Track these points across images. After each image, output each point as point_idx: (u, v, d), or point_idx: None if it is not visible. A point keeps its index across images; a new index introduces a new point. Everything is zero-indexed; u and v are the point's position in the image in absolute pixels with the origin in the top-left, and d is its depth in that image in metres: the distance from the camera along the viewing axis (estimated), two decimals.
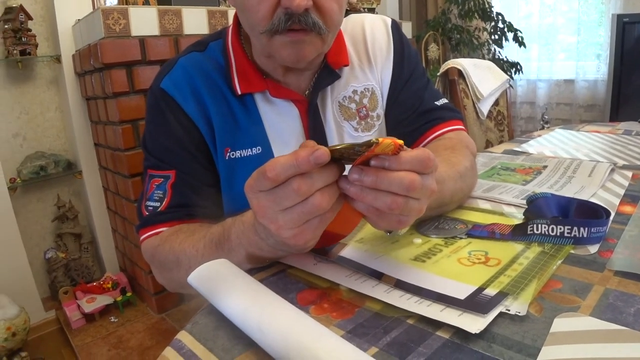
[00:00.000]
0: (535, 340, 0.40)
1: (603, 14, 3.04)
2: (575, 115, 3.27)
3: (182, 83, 0.80)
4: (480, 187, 0.85)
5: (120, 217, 2.24)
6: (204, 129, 0.80)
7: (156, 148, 0.81)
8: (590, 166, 0.90)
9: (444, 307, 0.46)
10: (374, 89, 0.90)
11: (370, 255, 0.59)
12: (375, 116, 0.90)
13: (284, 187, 0.45)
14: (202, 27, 2.09)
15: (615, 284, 0.48)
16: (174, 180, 0.78)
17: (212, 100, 0.80)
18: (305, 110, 0.84)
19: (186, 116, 0.80)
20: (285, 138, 0.83)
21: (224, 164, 0.82)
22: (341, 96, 0.87)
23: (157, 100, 0.81)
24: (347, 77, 0.88)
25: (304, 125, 0.85)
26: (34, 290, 2.15)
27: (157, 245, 0.74)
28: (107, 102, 1.98)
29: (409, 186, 0.45)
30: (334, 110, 0.87)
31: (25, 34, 2.04)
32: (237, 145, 0.82)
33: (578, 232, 0.57)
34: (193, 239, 0.67)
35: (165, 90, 0.80)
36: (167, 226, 0.76)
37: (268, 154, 0.82)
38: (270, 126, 0.83)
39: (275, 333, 0.40)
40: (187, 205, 0.78)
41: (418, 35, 3.54)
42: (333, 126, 0.86)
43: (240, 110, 0.82)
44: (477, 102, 1.82)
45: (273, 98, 0.83)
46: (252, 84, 0.81)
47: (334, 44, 0.81)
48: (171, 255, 0.69)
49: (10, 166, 2.17)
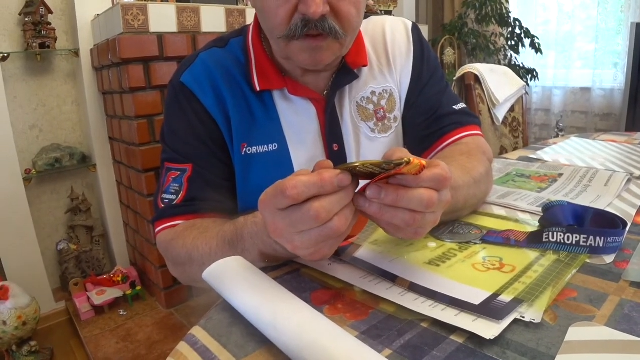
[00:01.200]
0: (550, 349, 0.40)
1: (622, 22, 3.01)
2: (590, 124, 3.24)
3: (202, 77, 0.81)
4: (495, 193, 0.85)
5: (132, 212, 2.26)
6: (222, 124, 0.81)
7: (174, 141, 0.82)
8: (606, 176, 0.89)
9: (458, 312, 0.46)
10: (392, 90, 0.89)
11: (385, 257, 0.60)
12: (393, 118, 0.90)
13: (302, 210, 0.44)
14: (219, 25, 2.10)
15: (631, 295, 0.48)
16: (191, 174, 0.79)
17: (231, 96, 0.81)
18: (323, 110, 0.84)
19: (205, 110, 0.80)
20: (302, 136, 0.84)
21: (240, 159, 0.82)
22: (359, 97, 0.87)
23: (177, 94, 0.82)
24: (366, 78, 0.88)
25: (320, 124, 0.85)
26: (45, 280, 2.18)
27: (171, 239, 0.74)
28: (123, 96, 2.00)
29: (428, 204, 0.46)
30: (351, 111, 0.87)
31: (45, 27, 2.07)
32: (253, 141, 0.82)
33: (594, 242, 0.57)
34: (206, 236, 0.68)
35: (185, 84, 0.81)
36: (182, 219, 0.77)
37: (284, 150, 0.83)
38: (287, 123, 0.83)
39: (290, 331, 0.41)
40: (203, 199, 0.78)
41: (434, 39, 3.53)
42: (350, 126, 0.86)
43: (258, 107, 0.83)
44: (492, 107, 1.81)
45: (291, 96, 0.83)
46: (270, 81, 0.82)
47: (353, 45, 0.81)
48: (184, 251, 0.70)
49: (26, 157, 2.20)
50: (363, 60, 0.86)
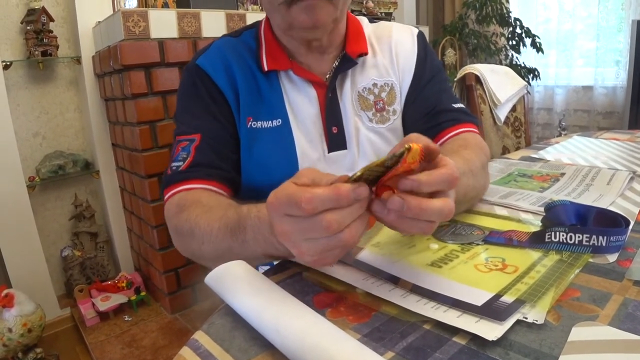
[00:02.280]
0: (553, 349, 0.40)
1: (623, 20, 3.01)
2: (593, 122, 3.23)
3: (216, 59, 0.89)
4: (497, 193, 0.84)
5: (136, 217, 2.26)
6: (231, 99, 0.88)
7: (185, 116, 0.89)
8: (609, 174, 0.89)
9: (460, 313, 0.45)
10: (393, 85, 0.94)
11: (387, 259, 0.59)
12: (392, 111, 0.94)
13: (314, 220, 0.44)
14: (220, 30, 2.10)
15: (635, 294, 0.47)
16: (199, 143, 0.84)
17: (241, 74, 0.88)
18: (324, 94, 0.90)
19: (216, 87, 0.87)
20: (303, 116, 0.90)
21: (246, 131, 0.88)
22: (361, 87, 0.93)
23: (192, 75, 0.89)
24: (369, 69, 0.93)
25: (320, 107, 0.90)
26: (50, 287, 2.18)
27: (178, 211, 0.77)
28: (125, 103, 2.01)
29: (448, 214, 0.47)
30: (352, 99, 0.92)
31: (47, 35, 2.08)
32: (259, 116, 0.88)
33: (597, 241, 0.57)
34: (209, 216, 0.69)
35: (200, 66, 0.89)
36: (187, 184, 0.80)
37: (287, 127, 0.89)
38: (290, 102, 0.90)
39: (293, 335, 0.41)
40: (209, 165, 0.83)
41: (435, 40, 3.53)
42: (350, 114, 0.91)
43: (265, 85, 0.89)
44: (494, 107, 1.81)
45: (295, 77, 0.90)
46: (278, 62, 0.89)
47: (352, 34, 0.92)
48: (187, 225, 0.72)
49: (30, 165, 2.21)
50: (363, 48, 0.92)
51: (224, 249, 0.65)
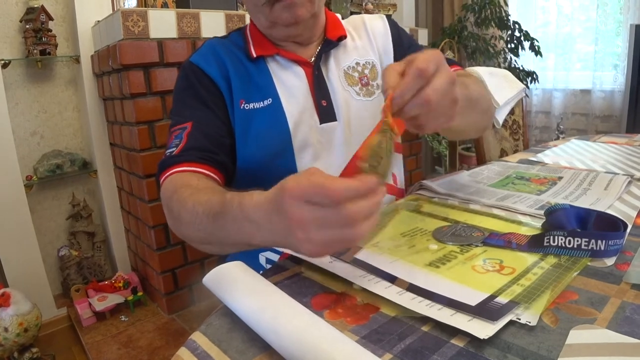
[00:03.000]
0: (551, 352, 0.40)
1: (621, 24, 3.01)
2: (591, 126, 3.23)
3: (208, 54, 0.96)
4: (495, 196, 0.85)
5: (133, 217, 2.26)
6: (224, 87, 0.93)
7: (179, 107, 0.94)
8: (606, 179, 0.89)
9: (454, 312, 0.46)
10: (374, 62, 1.04)
11: (385, 259, 0.60)
12: (376, 85, 1.03)
13: (337, 209, 0.45)
14: (219, 30, 2.10)
15: (632, 297, 0.48)
16: (190, 129, 0.88)
17: (232, 64, 0.95)
18: (311, 72, 0.98)
19: (209, 78, 0.93)
20: (293, 91, 0.96)
21: (240, 113, 0.93)
22: (346, 66, 1.01)
23: (186, 72, 0.96)
24: (351, 51, 1.03)
25: (309, 82, 0.97)
26: (47, 287, 2.18)
27: (170, 194, 0.79)
28: (124, 102, 2.00)
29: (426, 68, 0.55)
30: (339, 77, 1.00)
31: (46, 34, 2.07)
32: (250, 98, 0.94)
33: (595, 245, 0.57)
34: (195, 198, 0.71)
35: (193, 62, 0.95)
36: (179, 166, 0.83)
37: (278, 104, 0.94)
38: (279, 81, 0.96)
39: (291, 336, 0.41)
40: (200, 149, 0.86)
41: (434, 42, 3.53)
42: (339, 89, 0.98)
43: (254, 70, 0.96)
44: (492, 110, 1.81)
45: (282, 60, 0.97)
46: (265, 49, 0.97)
47: (330, 22, 1.02)
48: (176, 207, 0.75)
49: (27, 164, 2.20)
50: (341, 31, 1.02)
51: (207, 234, 0.67)
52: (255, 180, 0.87)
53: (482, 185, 0.93)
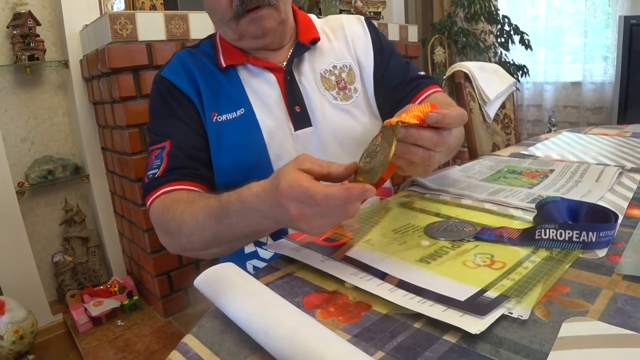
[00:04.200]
0: (543, 345, 0.40)
1: (610, 16, 3.03)
2: (582, 118, 3.25)
3: (177, 67, 0.96)
4: (486, 190, 0.85)
5: (127, 221, 2.25)
6: (196, 100, 0.93)
7: (156, 125, 0.94)
8: (597, 171, 0.89)
9: (445, 308, 0.46)
10: (351, 66, 1.02)
11: (376, 255, 0.60)
12: (353, 89, 1.01)
13: (338, 208, 0.52)
14: (208, 32, 2.05)
15: (624, 288, 0.48)
16: (169, 148, 0.89)
17: (201, 75, 0.94)
18: (283, 77, 0.96)
19: (180, 92, 0.93)
20: (265, 100, 0.95)
21: (212, 126, 0.93)
22: (322, 69, 1.00)
23: (158, 86, 0.96)
24: (327, 53, 1.01)
25: (281, 89, 0.96)
26: (42, 293, 2.16)
27: (161, 211, 0.82)
28: (114, 106, 1.99)
29: (438, 143, 0.59)
30: (315, 81, 0.98)
31: (34, 39, 2.05)
32: (222, 110, 0.93)
33: (587, 237, 0.57)
34: (192, 209, 0.75)
35: (164, 77, 0.95)
36: (165, 187, 0.85)
37: (251, 114, 0.93)
38: (250, 90, 0.95)
39: (282, 337, 0.40)
40: (181, 167, 0.88)
41: (424, 38, 3.53)
42: (315, 94, 0.97)
43: (225, 80, 0.95)
44: (483, 105, 1.81)
45: (252, 67, 0.96)
46: (234, 58, 0.96)
47: (302, 25, 1.01)
48: (173, 223, 0.78)
49: (19, 170, 2.19)
50: (313, 34, 1.00)
51: (212, 236, 0.72)
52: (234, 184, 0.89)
53: (473, 180, 0.93)
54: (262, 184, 0.61)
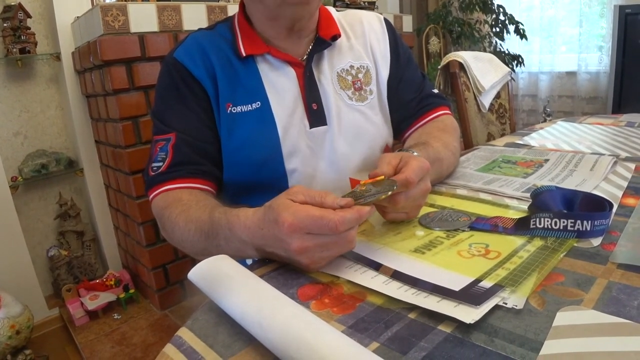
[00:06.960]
0: (538, 334, 0.40)
1: (605, 6, 3.02)
2: (577, 108, 3.25)
3: (193, 50, 0.90)
4: (481, 180, 0.84)
5: (122, 214, 2.24)
6: (210, 89, 0.89)
7: (162, 112, 0.90)
8: (592, 160, 0.89)
9: (440, 299, 0.46)
10: (368, 67, 1.00)
11: (371, 246, 0.60)
12: (369, 90, 0.99)
13: (340, 236, 0.53)
14: (201, 23, 2.07)
15: (619, 277, 0.47)
16: (175, 141, 0.86)
17: (219, 62, 0.90)
18: (302, 73, 0.93)
19: (195, 80, 0.89)
20: (283, 94, 0.91)
21: (226, 117, 0.89)
22: (340, 68, 0.97)
23: (169, 68, 0.90)
24: (346, 52, 0.99)
25: (300, 85, 0.93)
26: (37, 288, 2.16)
27: (163, 208, 0.81)
28: (107, 99, 1.98)
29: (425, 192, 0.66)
30: (332, 79, 0.96)
31: (25, 32, 2.03)
32: (238, 101, 0.89)
33: (581, 226, 0.57)
34: (187, 215, 0.74)
35: (178, 59, 0.90)
36: (170, 184, 0.84)
37: (267, 108, 0.90)
38: (269, 83, 0.91)
39: (276, 329, 0.40)
40: (187, 162, 0.86)
41: (419, 28, 3.52)
42: (331, 92, 0.94)
43: (243, 71, 0.91)
44: (478, 95, 1.81)
45: (273, 60, 0.92)
46: (255, 47, 0.91)
47: (323, 20, 0.97)
48: (168, 223, 0.78)
49: (12, 165, 2.17)
50: (335, 30, 0.97)
51: (201, 249, 0.72)
52: (244, 185, 0.91)
53: (468, 170, 0.93)
54: (250, 215, 0.60)
